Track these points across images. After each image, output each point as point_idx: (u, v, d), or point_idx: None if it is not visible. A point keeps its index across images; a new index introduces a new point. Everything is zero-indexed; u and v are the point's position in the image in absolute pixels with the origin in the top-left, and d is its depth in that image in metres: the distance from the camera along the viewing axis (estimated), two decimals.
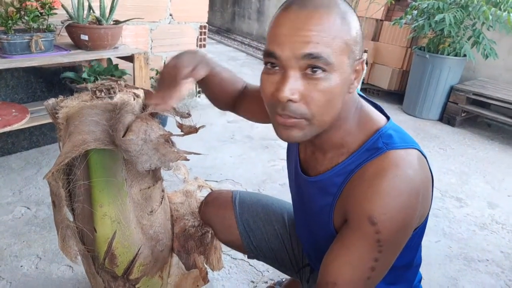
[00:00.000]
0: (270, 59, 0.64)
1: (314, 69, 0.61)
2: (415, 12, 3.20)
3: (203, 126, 0.87)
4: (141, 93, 1.06)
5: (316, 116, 0.64)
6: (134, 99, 1.02)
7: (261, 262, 1.48)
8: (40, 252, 1.46)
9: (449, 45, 3.12)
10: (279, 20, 0.63)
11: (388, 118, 0.76)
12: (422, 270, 0.93)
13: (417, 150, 0.70)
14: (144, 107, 1.06)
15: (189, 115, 0.92)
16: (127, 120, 0.86)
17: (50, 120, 1.92)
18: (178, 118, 0.91)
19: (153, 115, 0.92)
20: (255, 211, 1.07)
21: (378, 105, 0.80)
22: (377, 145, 0.69)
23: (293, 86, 0.61)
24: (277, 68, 0.64)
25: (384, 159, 0.67)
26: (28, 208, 1.70)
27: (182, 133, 0.89)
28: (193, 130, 0.88)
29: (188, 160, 0.87)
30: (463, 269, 1.60)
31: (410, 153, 0.68)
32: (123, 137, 0.82)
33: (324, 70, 0.61)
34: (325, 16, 0.60)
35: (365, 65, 0.69)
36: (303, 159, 0.84)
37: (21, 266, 1.39)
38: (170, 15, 2.71)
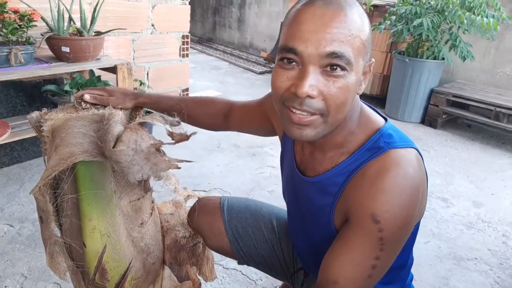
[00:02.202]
0: (289, 54, 0.63)
1: (334, 67, 0.61)
2: (393, 17, 3.27)
3: (194, 133, 0.86)
4: None
5: (332, 113, 0.64)
6: (120, 109, 1.01)
7: (254, 271, 1.46)
8: (25, 271, 1.41)
9: (427, 49, 3.20)
10: (301, 15, 0.62)
11: (385, 119, 0.77)
12: (414, 271, 0.93)
13: (415, 149, 0.71)
14: (131, 117, 1.05)
15: (178, 122, 0.91)
16: (116, 130, 0.84)
17: (31, 135, 1.87)
18: (168, 127, 0.90)
19: (142, 124, 0.90)
20: (243, 217, 1.06)
21: (374, 108, 0.80)
22: (379, 144, 0.70)
23: (313, 82, 0.61)
24: (294, 63, 0.63)
25: (385, 158, 0.68)
26: (11, 226, 1.65)
27: (173, 141, 0.87)
28: (184, 137, 0.87)
29: (179, 168, 0.86)
30: (453, 268, 1.62)
31: (409, 152, 0.69)
32: (113, 148, 0.81)
33: (343, 69, 0.61)
34: (349, 15, 0.61)
35: (372, 68, 0.70)
36: (299, 160, 0.84)
37: (5, 287, 1.34)
38: (152, 25, 2.70)
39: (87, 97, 0.98)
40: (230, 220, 1.05)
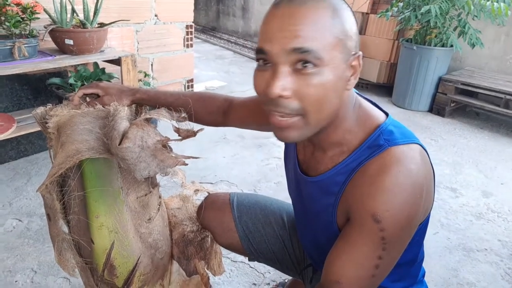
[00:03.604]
0: (261, 55, 0.63)
1: (305, 64, 0.60)
2: (400, 4, 3.21)
3: (201, 130, 0.84)
4: None
5: (311, 113, 0.62)
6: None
7: (262, 264, 1.46)
8: (35, 266, 1.42)
9: (435, 36, 3.14)
10: (268, 17, 0.63)
11: (386, 114, 0.75)
12: (423, 263, 0.92)
13: (418, 144, 0.69)
14: (137, 113, 1.04)
15: (185, 118, 0.89)
16: (122, 127, 0.83)
17: (37, 129, 1.87)
18: (174, 122, 0.88)
19: (148, 120, 0.89)
20: (253, 213, 1.05)
21: (374, 102, 0.79)
22: (378, 142, 0.68)
23: (284, 82, 0.60)
24: (269, 64, 0.63)
25: (386, 156, 0.66)
26: (20, 220, 1.65)
27: (180, 137, 0.86)
28: (191, 134, 0.85)
29: (187, 164, 0.85)
30: (462, 259, 1.60)
31: (412, 148, 0.67)
32: (119, 145, 0.79)
33: (315, 65, 0.60)
34: (313, 11, 0.60)
35: (361, 61, 0.68)
36: (302, 159, 0.83)
37: (16, 282, 1.35)
38: (156, 15, 2.67)
39: (76, 101, 0.95)
40: (240, 216, 1.04)
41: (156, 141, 0.83)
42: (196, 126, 0.88)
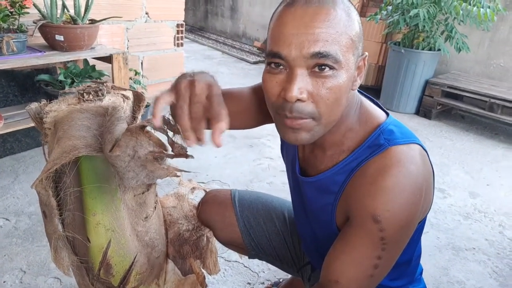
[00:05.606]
0: (275, 59, 0.61)
1: (322, 67, 0.59)
2: (389, 7, 3.25)
3: (191, 157, 0.78)
4: (130, 94, 1.02)
5: (324, 115, 0.62)
6: (123, 101, 0.97)
7: (256, 263, 1.46)
8: (24, 266, 1.38)
9: (423, 40, 3.19)
10: (283, 18, 0.60)
11: (387, 113, 0.75)
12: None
13: (418, 145, 0.69)
14: (134, 110, 1.02)
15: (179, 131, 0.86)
16: (117, 131, 0.81)
17: (25, 126, 1.83)
18: (170, 134, 0.84)
19: (144, 127, 0.86)
20: (255, 208, 1.05)
21: (376, 101, 0.79)
22: (379, 141, 0.68)
23: (301, 85, 0.59)
24: (281, 67, 0.61)
25: (386, 155, 0.66)
26: (7, 220, 1.61)
27: (172, 153, 0.81)
28: (183, 153, 0.79)
29: (178, 176, 0.82)
30: (452, 258, 1.63)
31: (412, 148, 0.67)
32: (109, 152, 0.78)
33: (331, 68, 0.59)
34: (332, 12, 0.59)
35: (366, 62, 0.68)
36: (301, 158, 0.83)
37: (4, 282, 1.31)
38: (146, 13, 2.64)
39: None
40: (242, 211, 1.04)
41: (147, 152, 0.80)
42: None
